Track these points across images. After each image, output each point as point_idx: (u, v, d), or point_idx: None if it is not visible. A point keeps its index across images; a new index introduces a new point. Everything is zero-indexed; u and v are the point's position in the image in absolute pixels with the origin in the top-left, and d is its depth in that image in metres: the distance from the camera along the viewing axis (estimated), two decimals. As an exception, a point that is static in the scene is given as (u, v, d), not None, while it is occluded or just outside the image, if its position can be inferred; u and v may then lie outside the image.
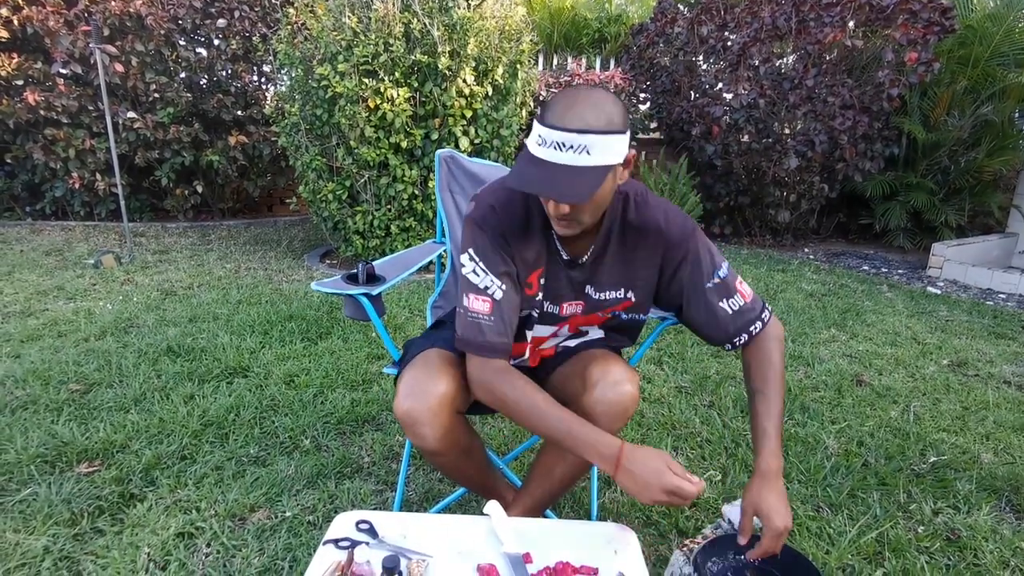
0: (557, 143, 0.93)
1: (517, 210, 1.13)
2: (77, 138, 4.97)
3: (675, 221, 1.16)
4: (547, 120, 0.95)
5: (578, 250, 1.17)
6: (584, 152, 0.93)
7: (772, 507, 1.00)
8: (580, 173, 0.94)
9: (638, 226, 1.16)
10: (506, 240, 1.12)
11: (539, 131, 0.96)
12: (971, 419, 2.23)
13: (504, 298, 1.10)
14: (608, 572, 0.94)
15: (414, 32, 3.55)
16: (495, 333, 1.09)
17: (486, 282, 1.10)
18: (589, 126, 0.92)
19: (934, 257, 4.72)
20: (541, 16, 7.33)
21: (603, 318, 1.26)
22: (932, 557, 1.49)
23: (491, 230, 1.11)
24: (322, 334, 2.80)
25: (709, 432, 2.06)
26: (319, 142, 3.91)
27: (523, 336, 1.26)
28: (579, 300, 1.22)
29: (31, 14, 4.68)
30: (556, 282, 1.19)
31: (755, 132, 5.06)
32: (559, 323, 1.25)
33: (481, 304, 1.10)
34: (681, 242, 1.16)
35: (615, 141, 0.95)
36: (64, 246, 4.48)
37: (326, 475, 1.72)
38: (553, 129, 0.93)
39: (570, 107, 0.93)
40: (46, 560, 1.35)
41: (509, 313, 1.11)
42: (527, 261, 1.16)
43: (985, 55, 4.93)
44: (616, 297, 1.22)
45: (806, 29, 4.85)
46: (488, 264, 1.11)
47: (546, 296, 1.20)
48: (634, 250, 1.17)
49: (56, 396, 2.09)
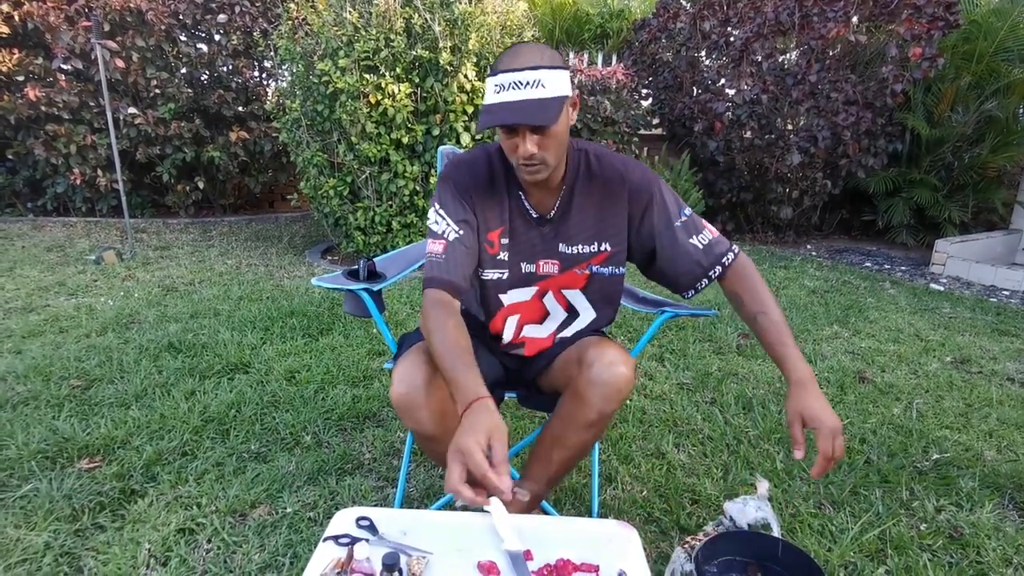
0: (514, 82, 1.04)
1: (481, 168, 1.22)
2: (78, 134, 4.97)
3: (635, 170, 1.23)
4: (499, 69, 1.06)
5: (545, 205, 1.23)
6: (540, 86, 1.04)
7: (819, 409, 1.04)
8: (540, 104, 1.04)
9: (601, 177, 1.22)
10: (468, 194, 1.20)
11: (494, 81, 1.06)
12: (974, 416, 2.22)
13: (457, 240, 1.17)
14: (609, 569, 0.93)
15: (415, 27, 3.53)
16: (441, 270, 1.15)
17: (443, 226, 1.18)
18: (538, 63, 1.04)
19: (937, 254, 4.71)
20: (543, 11, 7.31)
21: (582, 276, 1.27)
22: (935, 555, 1.48)
23: (453, 183, 1.21)
24: (323, 330, 2.80)
25: (711, 429, 2.05)
26: (320, 138, 3.90)
27: (497, 302, 1.28)
28: (554, 259, 1.25)
29: (32, 9, 4.67)
30: (527, 241, 1.24)
31: (758, 128, 5.04)
32: (537, 283, 1.27)
33: (436, 246, 1.17)
34: (643, 187, 1.22)
35: (562, 75, 1.07)
36: (65, 242, 4.48)
37: (327, 471, 1.72)
38: (507, 72, 1.04)
39: (516, 54, 1.06)
40: (47, 556, 1.35)
41: (461, 253, 1.17)
42: (489, 218, 1.22)
43: (990, 50, 4.90)
44: (590, 251, 1.25)
45: (809, 24, 4.82)
46: (447, 211, 1.19)
47: (519, 255, 1.24)
48: (600, 202, 1.22)
49: (57, 392, 2.09)
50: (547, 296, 1.29)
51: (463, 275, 1.16)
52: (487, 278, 1.26)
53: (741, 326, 3.09)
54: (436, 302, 1.12)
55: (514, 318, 1.30)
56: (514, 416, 2.10)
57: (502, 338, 1.33)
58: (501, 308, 1.29)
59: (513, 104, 1.04)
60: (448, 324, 1.09)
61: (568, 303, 1.31)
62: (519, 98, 1.04)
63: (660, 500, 1.65)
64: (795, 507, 1.63)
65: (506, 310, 1.29)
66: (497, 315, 1.30)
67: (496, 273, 1.25)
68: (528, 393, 1.41)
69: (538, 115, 1.03)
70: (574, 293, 1.29)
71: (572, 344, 1.31)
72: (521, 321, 1.31)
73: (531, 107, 1.03)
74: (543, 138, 1.07)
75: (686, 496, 1.67)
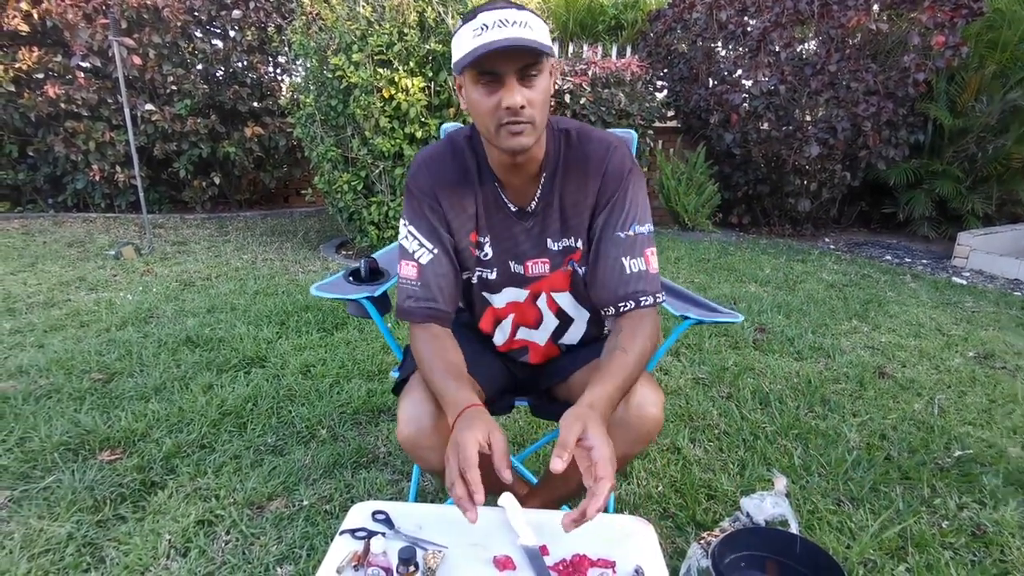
0: (500, 20, 0.91)
1: (446, 164, 1.11)
2: (97, 130, 5.03)
3: (617, 154, 1.09)
4: (479, 12, 0.93)
5: (524, 196, 1.12)
6: (527, 27, 0.92)
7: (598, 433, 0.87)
8: (532, 42, 0.91)
9: (582, 158, 1.09)
10: (437, 199, 1.10)
11: (473, 24, 0.92)
12: (998, 412, 2.18)
13: (431, 262, 1.10)
14: (626, 565, 0.93)
15: (428, 21, 3.52)
16: (417, 299, 1.10)
17: (414, 246, 1.11)
18: (523, 6, 0.94)
19: (960, 247, 4.62)
20: (556, 3, 7.25)
21: (567, 274, 1.17)
22: (957, 553, 1.46)
23: (420, 192, 1.11)
24: (338, 324, 2.82)
25: (727, 424, 2.03)
26: (334, 133, 3.91)
27: (483, 301, 1.22)
28: (543, 257, 1.15)
29: (50, 7, 4.73)
30: (510, 238, 1.14)
31: (775, 119, 4.96)
32: (528, 285, 1.18)
33: (409, 270, 1.10)
34: (618, 176, 1.08)
35: (547, 30, 0.96)
36: (85, 237, 4.55)
37: (342, 465, 1.73)
38: (489, 11, 0.92)
39: (495, 2, 0.95)
40: (69, 546, 1.38)
41: (437, 277, 1.10)
42: (463, 217, 1.12)
43: (1015, 39, 4.78)
44: (569, 245, 1.14)
45: (829, 13, 4.73)
46: (418, 227, 1.11)
47: (505, 254, 1.15)
48: (577, 191, 1.10)
49: (79, 385, 2.12)
50: (540, 299, 1.20)
51: (445, 298, 1.10)
52: (473, 280, 1.19)
53: (757, 321, 3.06)
54: (417, 332, 1.09)
55: (507, 320, 1.24)
56: (526, 420, 2.09)
57: (494, 339, 1.27)
58: (488, 307, 1.23)
59: (496, 39, 0.90)
60: (435, 348, 1.06)
61: (558, 307, 1.21)
62: (506, 35, 0.90)
63: (676, 495, 1.64)
64: (813, 503, 1.61)
65: (496, 311, 1.23)
66: (484, 315, 1.24)
67: (480, 273, 1.17)
68: (540, 402, 1.33)
69: (532, 44, 0.90)
70: (562, 296, 1.20)
71: (593, 357, 1.15)
72: (515, 322, 1.24)
73: (522, 42, 0.90)
74: (530, 91, 0.95)
75: (702, 492, 1.66)
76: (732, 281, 3.83)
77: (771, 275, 3.98)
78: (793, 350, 2.70)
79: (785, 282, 3.84)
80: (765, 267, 4.20)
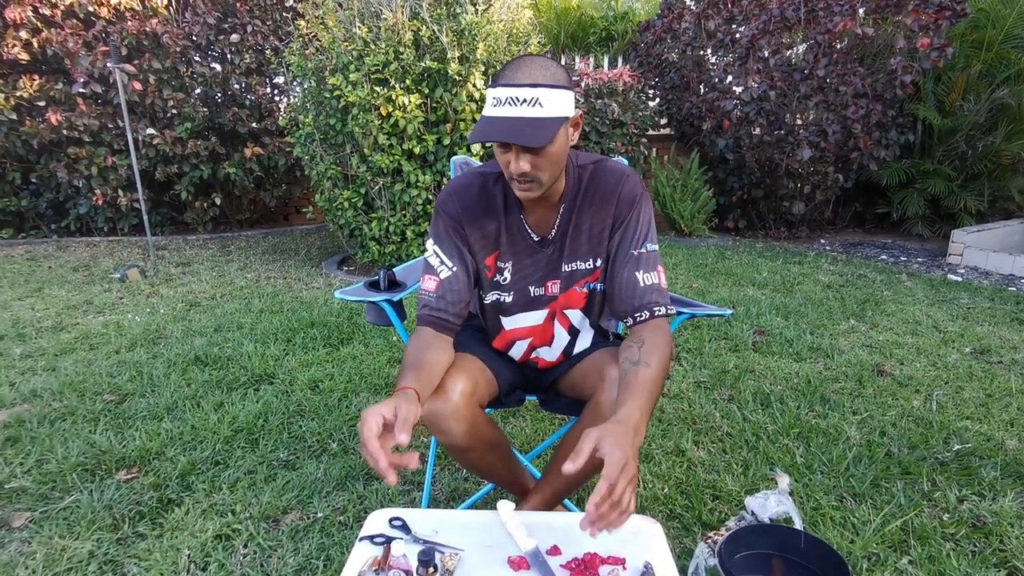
0: (511, 98, 1.01)
1: (473, 194, 1.22)
2: (99, 156, 5.10)
3: (629, 183, 1.21)
4: (499, 82, 1.03)
5: (544, 225, 1.23)
6: (537, 104, 1.01)
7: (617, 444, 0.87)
8: (536, 123, 1.01)
9: (599, 191, 1.21)
10: (461, 224, 1.21)
11: (493, 94, 1.04)
12: (995, 406, 2.22)
13: (449, 278, 1.20)
14: (635, 562, 0.97)
15: (423, 39, 3.59)
16: (429, 308, 1.19)
17: (436, 263, 1.21)
18: (538, 81, 1.01)
19: (954, 244, 4.67)
20: (548, 17, 7.36)
21: (582, 294, 1.28)
22: (958, 544, 1.49)
23: (446, 216, 1.22)
24: (343, 340, 2.86)
25: (729, 426, 2.07)
26: (333, 151, 3.97)
27: (497, 323, 1.32)
28: (556, 278, 1.26)
29: (50, 36, 4.82)
30: (532, 264, 1.25)
31: (767, 124, 5.04)
32: (547, 305, 1.28)
33: (430, 283, 1.21)
34: (630, 200, 1.20)
35: (564, 95, 1.04)
36: (90, 261, 4.59)
37: (354, 477, 1.77)
38: (506, 87, 1.02)
39: (518, 68, 1.03)
40: (91, 564, 1.41)
41: (453, 292, 1.20)
42: (484, 242, 1.23)
43: (999, 38, 4.87)
44: (587, 267, 1.25)
45: (815, 19, 4.82)
46: (441, 247, 1.22)
47: (525, 279, 1.25)
48: (596, 217, 1.22)
49: (92, 407, 2.16)
50: (555, 318, 1.30)
51: (454, 312, 1.20)
52: (487, 301, 1.29)
53: (756, 323, 3.10)
54: (421, 334, 1.18)
55: (524, 342, 1.33)
56: (535, 419, 2.14)
57: (509, 354, 1.37)
58: (502, 330, 1.32)
59: (507, 120, 1.01)
60: (418, 344, 1.14)
61: (570, 324, 1.32)
62: (514, 115, 1.01)
63: (682, 497, 1.68)
64: (816, 500, 1.64)
65: (511, 333, 1.32)
66: (499, 336, 1.34)
67: (495, 296, 1.28)
68: (547, 397, 1.44)
69: (530, 135, 1.00)
70: (574, 313, 1.30)
71: (592, 352, 1.33)
72: (532, 345, 1.33)
73: (524, 126, 1.00)
74: (537, 157, 1.05)
75: (707, 492, 1.70)
76: (730, 285, 3.87)
77: (768, 278, 4.03)
78: (792, 351, 2.74)
79: (782, 284, 3.89)
80: (762, 270, 4.25)
